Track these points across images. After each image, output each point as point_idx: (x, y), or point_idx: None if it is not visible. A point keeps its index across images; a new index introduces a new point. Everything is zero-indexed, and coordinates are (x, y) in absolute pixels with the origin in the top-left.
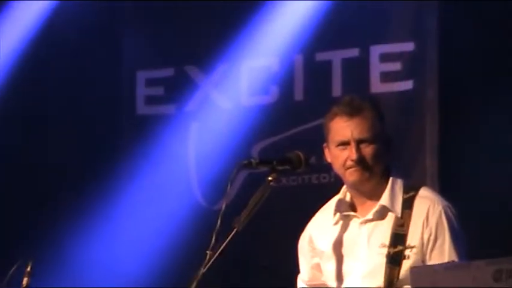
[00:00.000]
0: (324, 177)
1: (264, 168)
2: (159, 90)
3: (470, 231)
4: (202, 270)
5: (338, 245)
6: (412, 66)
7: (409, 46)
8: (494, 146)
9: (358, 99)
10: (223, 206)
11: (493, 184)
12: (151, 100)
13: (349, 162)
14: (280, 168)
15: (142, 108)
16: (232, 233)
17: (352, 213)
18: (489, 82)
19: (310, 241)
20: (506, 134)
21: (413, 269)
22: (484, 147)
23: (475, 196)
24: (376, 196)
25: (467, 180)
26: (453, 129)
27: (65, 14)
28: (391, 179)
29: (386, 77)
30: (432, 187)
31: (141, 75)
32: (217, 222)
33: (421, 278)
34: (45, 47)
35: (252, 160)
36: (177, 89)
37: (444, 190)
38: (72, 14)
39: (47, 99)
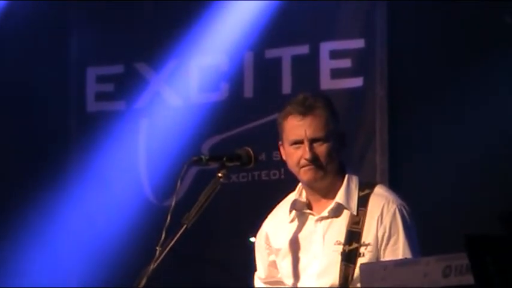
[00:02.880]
0: (274, 174)
1: (214, 165)
2: (109, 87)
3: (419, 228)
4: (152, 266)
5: (294, 243)
6: (362, 63)
7: (359, 43)
8: (443, 142)
9: (312, 98)
10: (173, 203)
11: (442, 180)
12: (101, 97)
13: (303, 161)
14: (230, 164)
15: (92, 105)
16: (182, 230)
17: (307, 210)
18: (437, 79)
19: (266, 238)
20: (455, 131)
21: (362, 266)
22: (433, 144)
23: (424, 193)
24: (332, 193)
25: (417, 177)
26: (402, 126)
27: (14, 11)
28: (346, 176)
29: (336, 74)
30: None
31: (91, 72)
32: (166, 218)
33: (370, 275)
34: None
35: (202, 156)
36: (127, 86)
37: (394, 187)
38: (21, 12)
39: None
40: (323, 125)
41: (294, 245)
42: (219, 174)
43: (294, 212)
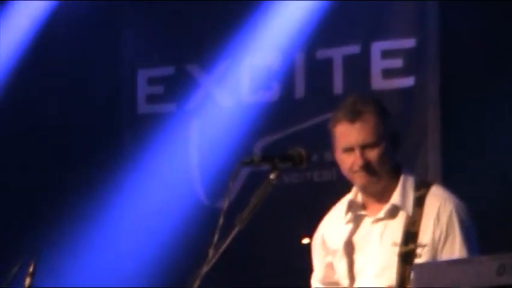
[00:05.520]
0: (326, 175)
1: (265, 166)
2: (159, 89)
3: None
4: (205, 268)
5: (350, 244)
6: (413, 62)
7: (410, 42)
8: (496, 142)
9: (360, 102)
10: (226, 204)
11: (495, 180)
12: (152, 99)
13: (355, 168)
14: (281, 165)
15: (143, 107)
16: (234, 231)
17: (363, 212)
18: (490, 78)
19: (323, 240)
20: (508, 130)
21: (415, 266)
22: (486, 144)
23: (477, 193)
24: (387, 195)
25: (469, 177)
26: (455, 126)
27: (65, 13)
28: (402, 176)
29: (388, 73)
30: None
31: (142, 74)
32: (219, 220)
33: (423, 275)
34: (45, 47)
35: (254, 157)
36: (178, 88)
37: (446, 187)
38: (72, 13)
39: (47, 99)
40: (373, 129)
41: (351, 247)
42: (271, 176)
43: (350, 213)
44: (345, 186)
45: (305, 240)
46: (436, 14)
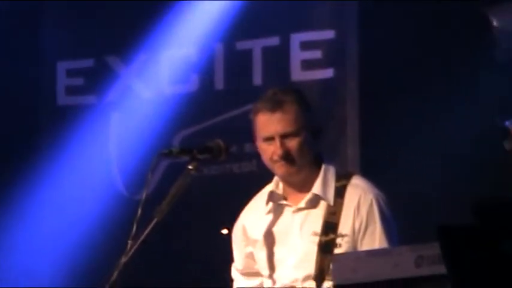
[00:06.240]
0: (246, 166)
1: (184, 158)
2: (79, 81)
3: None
4: (124, 259)
5: (271, 234)
6: (332, 54)
7: (329, 34)
8: (413, 133)
9: (281, 93)
10: (144, 196)
11: (413, 171)
12: (71, 91)
13: (275, 157)
14: (200, 157)
15: (62, 99)
16: (153, 223)
17: (284, 202)
18: (409, 70)
19: (243, 230)
20: (425, 121)
21: (334, 257)
22: (404, 135)
23: (395, 183)
24: (309, 185)
25: (387, 168)
26: (374, 117)
27: None
28: (323, 166)
29: (307, 65)
30: None
31: (61, 66)
32: (138, 211)
33: (342, 265)
34: None
35: (173, 149)
36: (98, 80)
37: (365, 177)
38: None
39: None
40: (293, 119)
41: (271, 237)
42: (190, 167)
43: (271, 203)
44: (265, 178)
45: (224, 231)
46: (354, 4)
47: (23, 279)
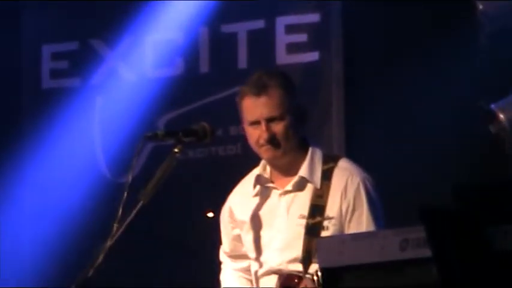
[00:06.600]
0: (231, 149)
1: (169, 140)
2: (63, 64)
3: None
4: (109, 242)
5: (258, 216)
6: (317, 37)
7: (314, 17)
8: (398, 115)
9: (266, 77)
10: (129, 179)
11: (398, 153)
12: (56, 74)
13: (261, 141)
14: (186, 140)
15: (47, 82)
16: (138, 206)
17: (271, 184)
18: (393, 52)
19: (231, 212)
20: (410, 104)
21: (319, 240)
22: (389, 117)
23: (381, 166)
24: (295, 168)
25: (373, 150)
26: (359, 100)
27: None
28: (310, 149)
29: (292, 48)
30: None
31: (46, 49)
32: (123, 194)
33: (327, 249)
34: None
35: (158, 132)
36: (82, 63)
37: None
38: None
39: None
40: (278, 103)
41: (258, 219)
42: (175, 150)
43: (258, 186)
44: (250, 161)
45: (209, 214)
46: None
47: (4, 261)
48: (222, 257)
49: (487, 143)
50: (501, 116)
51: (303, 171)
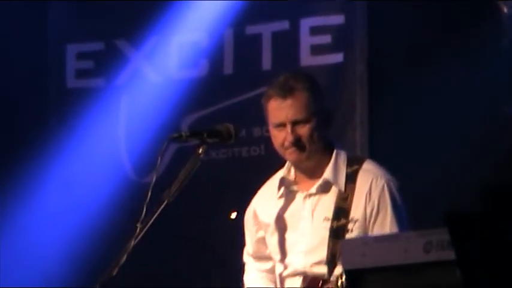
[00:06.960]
0: (254, 150)
1: (194, 141)
2: (89, 64)
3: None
4: (133, 242)
5: (282, 219)
6: (342, 39)
7: (339, 19)
8: (422, 118)
9: (292, 79)
10: (154, 179)
11: (422, 156)
12: (81, 74)
13: (286, 143)
14: (210, 140)
15: (72, 82)
16: (162, 206)
17: (295, 187)
18: (418, 54)
19: (255, 215)
20: (435, 106)
21: (343, 242)
22: (413, 119)
23: (404, 168)
24: (320, 171)
25: (396, 153)
26: (383, 102)
27: None
28: (334, 152)
29: (317, 50)
30: None
31: (71, 49)
32: (147, 195)
33: (351, 251)
34: None
35: (182, 133)
36: (107, 63)
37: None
38: None
39: None
40: (304, 106)
41: (282, 222)
42: (199, 151)
43: (282, 188)
44: (273, 162)
45: (233, 215)
46: None
47: (28, 259)
48: (246, 258)
49: None
50: None
51: (328, 174)
